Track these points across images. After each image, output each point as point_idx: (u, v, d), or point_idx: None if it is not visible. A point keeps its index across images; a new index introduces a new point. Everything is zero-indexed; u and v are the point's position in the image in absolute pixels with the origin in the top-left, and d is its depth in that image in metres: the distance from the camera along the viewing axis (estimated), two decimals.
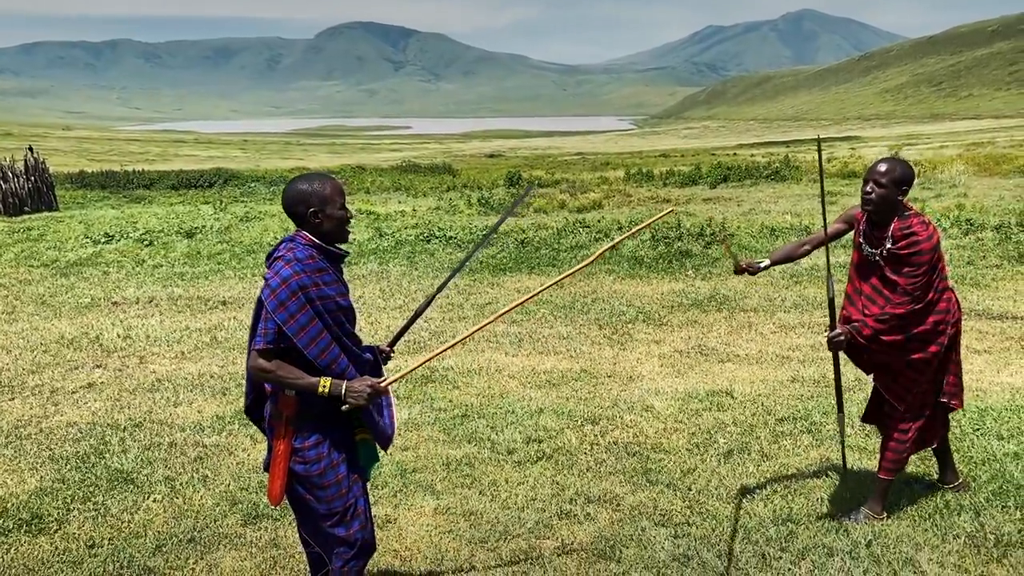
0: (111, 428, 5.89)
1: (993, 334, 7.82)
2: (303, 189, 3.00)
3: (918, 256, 3.81)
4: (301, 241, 3.01)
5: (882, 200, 3.87)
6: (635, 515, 4.14)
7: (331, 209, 3.01)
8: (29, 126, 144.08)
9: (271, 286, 2.92)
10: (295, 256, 2.95)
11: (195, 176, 36.33)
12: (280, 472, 3.03)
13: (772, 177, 28.60)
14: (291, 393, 2.99)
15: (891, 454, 4.02)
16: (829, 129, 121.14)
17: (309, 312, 2.91)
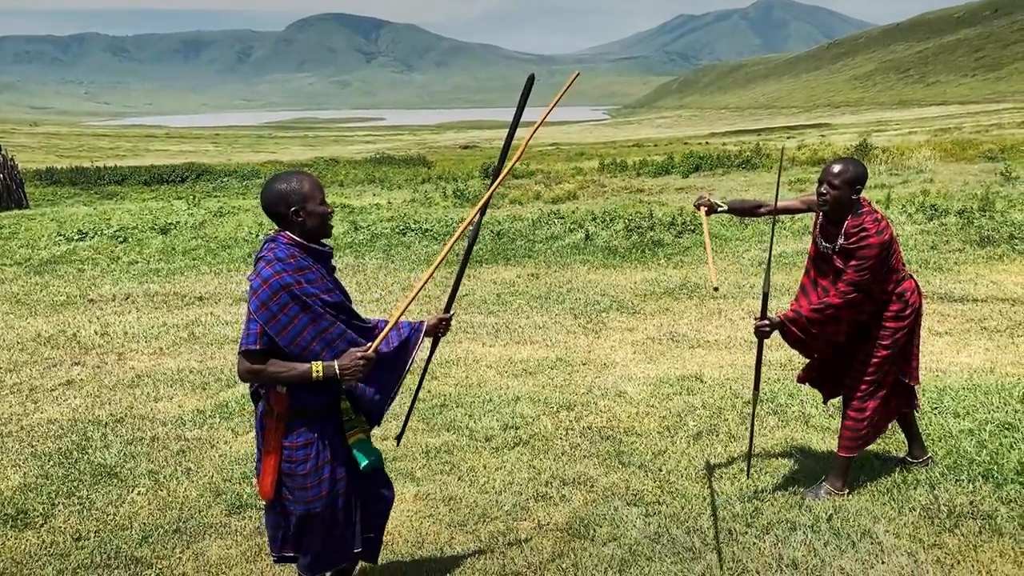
0: (92, 424, 5.95)
1: (954, 316, 8.06)
2: (282, 189, 3.00)
3: (867, 250, 3.97)
4: (283, 241, 3.01)
5: (836, 200, 4.06)
6: (608, 496, 4.30)
7: (312, 206, 3.01)
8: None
9: (253, 287, 2.95)
10: (276, 256, 2.97)
11: (167, 171, 36.02)
12: (271, 468, 3.05)
13: (743, 166, 28.92)
14: (282, 390, 2.99)
15: (849, 432, 4.20)
16: (799, 116, 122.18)
17: (291, 311, 2.91)
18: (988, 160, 24.78)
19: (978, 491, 3.92)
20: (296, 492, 3.06)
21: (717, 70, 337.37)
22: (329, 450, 3.08)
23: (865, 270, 3.95)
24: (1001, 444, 4.41)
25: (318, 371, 2.94)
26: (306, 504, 3.06)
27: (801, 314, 4.04)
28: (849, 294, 3.98)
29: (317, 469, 3.05)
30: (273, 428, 3.05)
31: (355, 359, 2.97)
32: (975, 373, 6.10)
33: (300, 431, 3.04)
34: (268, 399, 3.07)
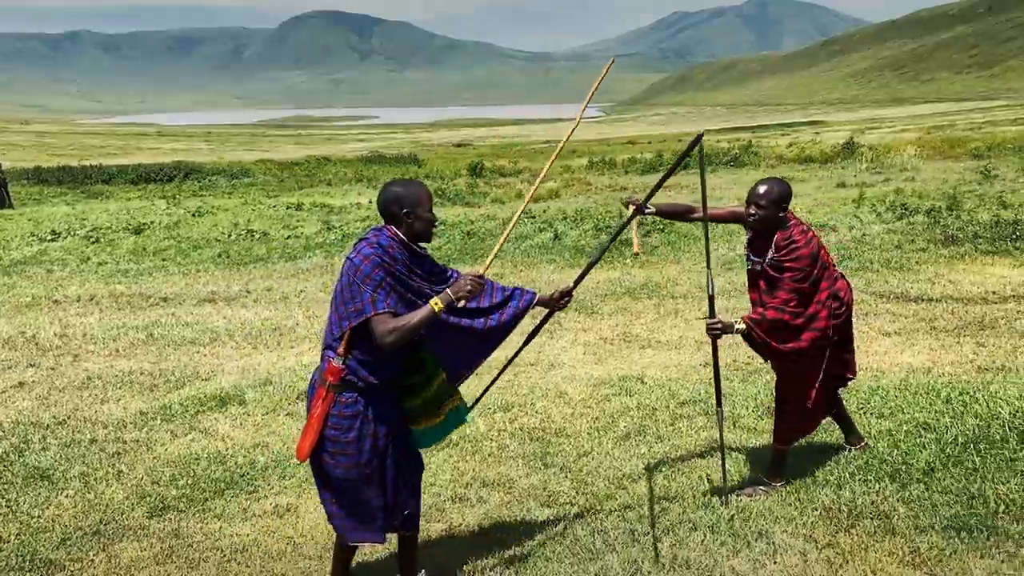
0: (34, 426, 5.98)
1: (906, 316, 8.12)
2: (399, 192, 3.30)
3: (799, 261, 4.12)
4: (387, 232, 3.30)
5: (764, 220, 4.22)
6: (524, 497, 4.34)
7: (421, 211, 3.31)
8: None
9: (354, 263, 3.21)
10: (379, 242, 3.25)
11: (155, 170, 35.92)
12: (312, 432, 3.27)
13: (731, 163, 29.03)
14: (338, 363, 3.23)
15: (783, 425, 4.31)
16: (794, 114, 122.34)
17: (389, 282, 3.19)
18: (974, 158, 24.89)
19: (882, 491, 3.97)
20: (337, 456, 3.27)
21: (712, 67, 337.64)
22: (374, 424, 3.30)
23: (801, 280, 4.10)
24: (914, 444, 4.45)
25: (438, 304, 3.18)
26: (344, 469, 3.28)
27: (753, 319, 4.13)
28: (790, 302, 4.08)
29: (359, 439, 3.27)
30: (322, 396, 3.27)
31: (466, 281, 3.25)
32: (912, 373, 6.15)
33: (349, 401, 3.26)
34: (324, 368, 3.30)
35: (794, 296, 4.09)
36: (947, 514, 3.70)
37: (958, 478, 4.00)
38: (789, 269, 4.10)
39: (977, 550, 3.44)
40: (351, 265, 3.22)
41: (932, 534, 3.57)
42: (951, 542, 3.50)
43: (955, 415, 4.75)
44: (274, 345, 8.21)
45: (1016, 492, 3.78)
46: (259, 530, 4.17)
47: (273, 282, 11.28)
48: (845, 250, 11.21)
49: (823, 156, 29.88)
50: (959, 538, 3.52)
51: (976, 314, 8.01)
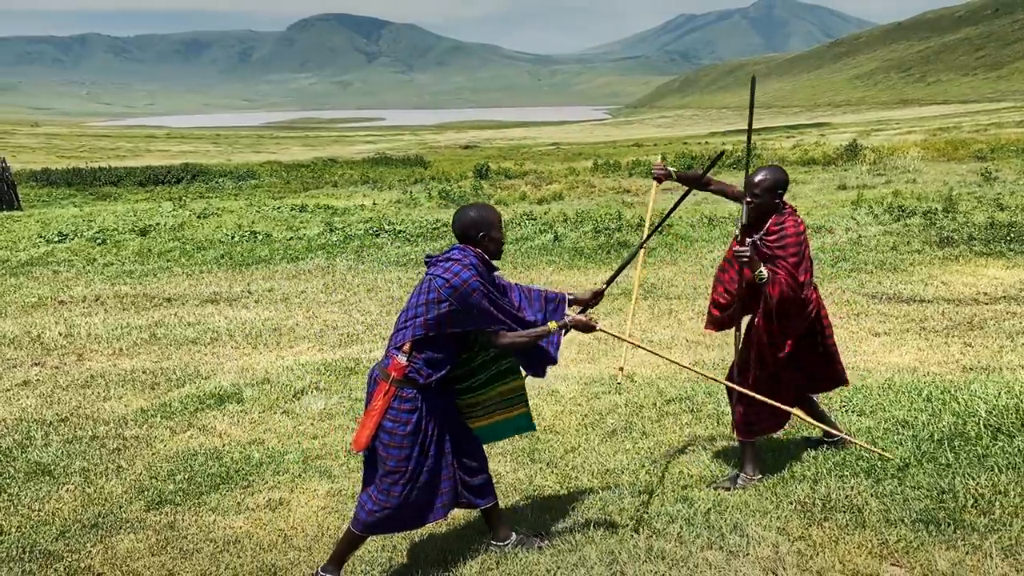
0: (37, 423, 6.12)
1: (897, 317, 8.21)
2: (475, 217, 3.63)
3: (788, 239, 4.29)
4: (471, 252, 3.61)
5: (759, 208, 4.38)
6: (510, 491, 4.46)
7: (495, 233, 3.67)
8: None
9: (452, 284, 3.47)
10: (471, 263, 3.56)
11: (163, 172, 36.15)
12: (371, 423, 3.51)
13: (735, 166, 29.09)
14: (402, 359, 3.48)
15: (738, 417, 4.44)
16: (800, 116, 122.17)
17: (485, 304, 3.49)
18: (977, 160, 24.90)
19: (857, 486, 4.08)
20: (391, 449, 3.49)
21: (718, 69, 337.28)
22: (429, 421, 3.55)
23: (790, 253, 4.26)
24: (892, 441, 4.55)
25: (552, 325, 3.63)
26: (397, 461, 3.49)
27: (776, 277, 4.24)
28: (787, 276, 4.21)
29: (415, 433, 3.50)
30: (383, 390, 3.51)
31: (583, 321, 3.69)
32: (898, 373, 6.25)
33: (409, 397, 3.50)
34: (387, 364, 3.55)
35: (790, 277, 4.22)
36: (917, 508, 3.80)
37: (931, 473, 4.10)
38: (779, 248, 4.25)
39: (943, 542, 3.54)
40: (450, 288, 3.45)
41: (902, 527, 3.68)
42: (919, 535, 3.61)
43: (933, 413, 4.85)
44: (273, 345, 8.35)
45: (985, 487, 3.88)
46: (252, 523, 4.30)
47: (275, 283, 11.43)
48: (840, 252, 11.31)
49: (826, 158, 29.94)
50: (927, 531, 3.63)
51: (966, 315, 8.10)
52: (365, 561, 3.85)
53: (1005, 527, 3.58)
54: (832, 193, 19.26)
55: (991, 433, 4.41)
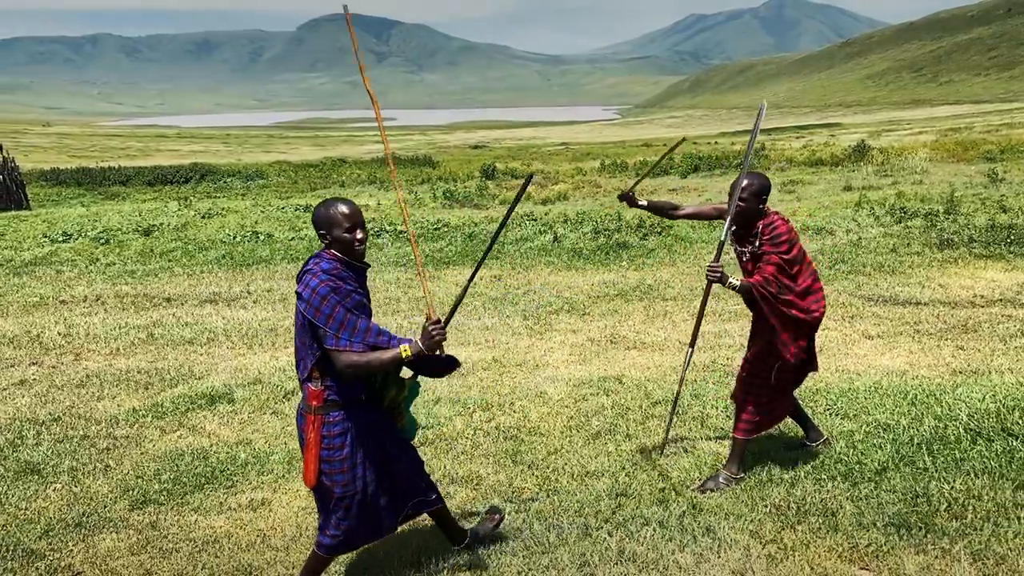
0: (30, 423, 6.18)
1: (891, 319, 8.19)
2: (319, 213, 3.45)
3: (778, 237, 4.37)
4: (326, 256, 3.43)
5: (744, 212, 4.45)
6: (489, 493, 4.49)
7: (337, 232, 3.41)
8: (8, 123, 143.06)
9: (304, 298, 3.33)
10: (321, 268, 3.38)
11: (171, 172, 36.31)
12: (313, 457, 3.43)
13: (741, 166, 29.04)
14: (317, 386, 3.38)
15: (747, 415, 4.47)
16: (811, 116, 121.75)
17: (342, 309, 3.30)
18: (986, 161, 24.77)
19: (833, 490, 4.08)
20: (335, 476, 3.42)
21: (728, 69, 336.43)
22: (362, 438, 3.46)
23: (784, 250, 4.33)
24: (871, 445, 4.56)
25: (406, 352, 3.32)
26: (343, 487, 3.43)
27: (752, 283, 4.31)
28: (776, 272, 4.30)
29: (352, 455, 3.43)
30: (311, 421, 3.42)
31: (430, 329, 3.35)
32: (887, 376, 6.24)
33: (337, 420, 3.41)
34: (305, 395, 3.44)
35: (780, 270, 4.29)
36: (891, 512, 3.81)
37: (907, 477, 4.11)
38: (772, 245, 4.33)
39: (914, 546, 3.55)
40: (303, 303, 3.33)
41: (874, 531, 3.69)
42: (890, 539, 3.61)
43: (915, 417, 4.85)
44: (268, 345, 8.39)
45: (960, 491, 3.88)
46: (232, 523, 4.34)
47: (274, 283, 11.48)
48: (839, 254, 11.28)
49: (833, 159, 29.85)
50: (898, 535, 3.63)
51: (961, 318, 8.08)
52: (339, 561, 3.88)
53: (976, 531, 3.59)
54: (837, 194, 19.19)
55: (971, 437, 4.41)
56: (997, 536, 3.54)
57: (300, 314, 3.36)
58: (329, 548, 3.54)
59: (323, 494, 3.50)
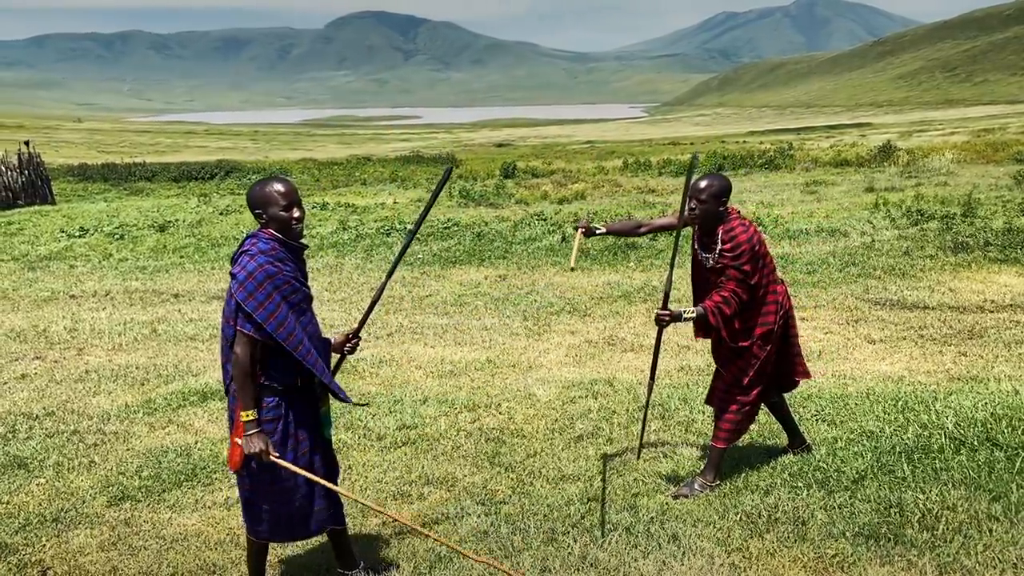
0: (24, 417, 6.24)
1: (896, 324, 8.06)
2: (254, 192, 3.38)
3: (739, 247, 4.26)
4: (264, 235, 3.36)
5: (704, 214, 4.34)
6: (462, 495, 4.46)
7: (274, 211, 3.34)
8: (41, 119, 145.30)
9: (239, 279, 3.27)
10: (258, 249, 3.31)
11: (197, 168, 36.65)
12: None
13: (766, 166, 28.73)
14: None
15: (727, 424, 4.41)
16: (841, 116, 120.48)
17: (276, 299, 3.25)
18: (1016, 162, 24.35)
19: (807, 498, 4.01)
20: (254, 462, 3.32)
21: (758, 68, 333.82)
22: (294, 425, 3.39)
23: (744, 261, 4.23)
24: (852, 453, 4.47)
25: (249, 416, 3.28)
26: (272, 473, 3.34)
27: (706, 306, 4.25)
28: (738, 291, 4.22)
29: (283, 442, 3.36)
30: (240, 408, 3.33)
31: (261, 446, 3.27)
32: (882, 382, 6.13)
33: (271, 405, 3.34)
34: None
35: (741, 286, 4.22)
36: (862, 522, 3.73)
37: (884, 487, 4.02)
38: (732, 257, 4.24)
39: (880, 557, 3.47)
40: (236, 283, 3.28)
41: (843, 541, 3.61)
42: (858, 549, 3.54)
43: (900, 424, 4.75)
44: None
45: (934, 501, 3.79)
46: (204, 520, 4.35)
47: None
48: (851, 256, 11.13)
49: (859, 159, 29.47)
50: (866, 546, 3.56)
51: (967, 323, 7.93)
52: (299, 565, 3.87)
53: (945, 543, 3.50)
54: (858, 195, 18.91)
55: (954, 446, 4.32)
56: (966, 549, 3.45)
57: (231, 297, 3.30)
58: (257, 532, 3.48)
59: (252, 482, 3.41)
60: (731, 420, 4.42)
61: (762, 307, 4.32)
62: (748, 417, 4.46)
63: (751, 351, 4.34)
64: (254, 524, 3.49)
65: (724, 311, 4.20)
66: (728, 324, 4.26)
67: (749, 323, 4.31)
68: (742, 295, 4.22)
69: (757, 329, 4.32)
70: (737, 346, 4.32)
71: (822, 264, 10.77)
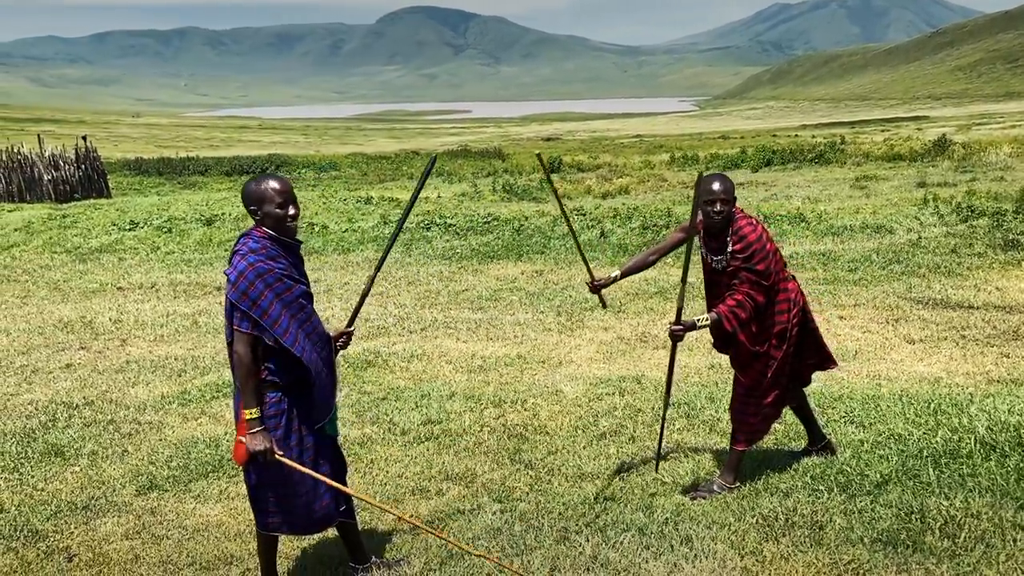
0: (64, 406, 6.42)
1: (938, 323, 7.85)
2: (249, 189, 3.42)
3: (749, 247, 4.20)
4: (256, 234, 3.41)
5: (724, 215, 4.26)
6: (479, 491, 4.47)
7: (268, 208, 3.39)
8: (102, 114, 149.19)
9: (231, 280, 3.33)
10: (249, 248, 3.37)
11: (248, 162, 37.28)
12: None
13: (816, 160, 28.19)
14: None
15: (746, 428, 4.36)
16: (898, 109, 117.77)
17: (268, 297, 3.30)
18: None
19: (828, 502, 3.93)
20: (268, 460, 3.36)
21: (812, 60, 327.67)
22: (298, 420, 3.45)
23: (756, 261, 4.16)
24: (878, 456, 4.37)
25: (253, 414, 3.34)
26: (277, 467, 3.39)
27: (721, 312, 4.20)
28: (751, 290, 4.16)
29: (287, 436, 3.41)
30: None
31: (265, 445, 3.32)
32: (917, 383, 5.98)
33: (274, 400, 3.39)
34: None
35: (755, 288, 4.15)
36: (881, 528, 3.64)
37: (908, 492, 3.92)
38: (744, 257, 4.17)
39: (897, 565, 3.39)
40: (230, 284, 3.33)
41: (860, 547, 3.53)
42: (875, 556, 3.46)
43: (930, 428, 4.63)
44: None
45: (958, 508, 3.69)
46: (227, 511, 4.43)
47: (322, 273, 11.67)
48: (895, 253, 10.87)
49: (912, 154, 28.75)
50: (884, 552, 3.47)
51: (1013, 324, 7.69)
52: (314, 558, 3.92)
53: (966, 552, 3.40)
54: (909, 191, 18.48)
55: (984, 451, 4.19)
56: (988, 558, 3.35)
57: (227, 298, 3.36)
58: (266, 526, 3.53)
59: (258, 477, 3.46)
60: (750, 424, 4.36)
61: (775, 306, 4.25)
62: (767, 420, 4.40)
63: (768, 353, 4.28)
64: (262, 517, 3.54)
65: (739, 315, 4.14)
66: (745, 328, 4.19)
67: (765, 323, 4.23)
68: (756, 296, 4.16)
69: (774, 328, 4.25)
70: (754, 350, 4.26)
71: (865, 261, 10.55)
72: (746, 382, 4.36)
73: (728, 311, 4.15)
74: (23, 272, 12.75)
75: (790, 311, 4.29)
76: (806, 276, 10.05)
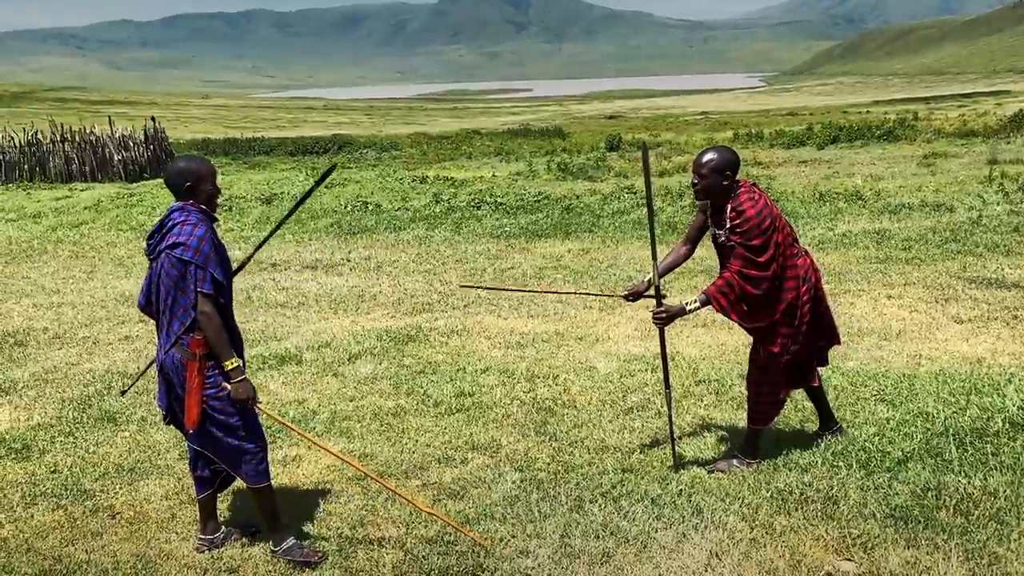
0: (119, 375, 6.73)
1: (988, 303, 7.67)
2: (190, 166, 3.70)
3: (746, 222, 4.16)
4: (191, 208, 3.66)
5: (706, 189, 4.27)
6: (502, 461, 4.57)
7: (205, 185, 3.71)
8: (172, 95, 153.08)
9: (191, 245, 3.53)
10: (197, 219, 3.63)
11: (312, 142, 37.93)
12: (195, 400, 3.64)
13: (884, 137, 27.39)
14: (200, 336, 3.58)
15: (760, 406, 4.37)
16: (977, 83, 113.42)
17: (215, 260, 3.59)
18: None
19: (846, 478, 3.92)
20: (228, 407, 3.64)
21: (885, 34, 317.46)
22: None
23: (752, 236, 4.13)
24: (903, 434, 4.33)
25: (234, 364, 3.59)
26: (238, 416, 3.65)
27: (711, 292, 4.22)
28: (744, 269, 4.14)
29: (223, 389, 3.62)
30: (195, 368, 3.61)
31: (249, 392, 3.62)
32: (959, 363, 5.88)
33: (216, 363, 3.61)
34: (187, 344, 3.63)
35: (747, 264, 4.13)
36: (895, 504, 3.63)
37: (927, 469, 3.89)
38: (741, 232, 4.16)
39: (906, 540, 3.38)
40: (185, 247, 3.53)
41: (872, 522, 3.53)
42: (885, 531, 3.45)
43: (961, 407, 4.56)
44: (352, 311, 8.74)
45: (976, 486, 3.65)
46: None
47: (373, 251, 11.89)
48: (953, 232, 10.60)
49: (987, 130, 27.73)
50: (894, 527, 3.47)
51: None
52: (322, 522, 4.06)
53: (978, 529, 3.38)
54: (979, 168, 17.90)
55: (1013, 431, 4.13)
56: (999, 536, 3.32)
57: (173, 268, 3.55)
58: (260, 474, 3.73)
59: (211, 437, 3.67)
60: (764, 402, 4.35)
61: (783, 283, 4.22)
62: (779, 398, 4.37)
63: (778, 330, 4.25)
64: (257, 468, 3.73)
65: (727, 294, 4.11)
66: (735, 307, 4.17)
67: (770, 299, 4.21)
68: (748, 272, 4.12)
69: (780, 304, 4.21)
70: (763, 324, 4.25)
71: (920, 240, 10.31)
72: (760, 361, 4.36)
73: (716, 291, 4.16)
74: (91, 248, 13.28)
75: (799, 288, 4.24)
76: (857, 255, 9.88)
